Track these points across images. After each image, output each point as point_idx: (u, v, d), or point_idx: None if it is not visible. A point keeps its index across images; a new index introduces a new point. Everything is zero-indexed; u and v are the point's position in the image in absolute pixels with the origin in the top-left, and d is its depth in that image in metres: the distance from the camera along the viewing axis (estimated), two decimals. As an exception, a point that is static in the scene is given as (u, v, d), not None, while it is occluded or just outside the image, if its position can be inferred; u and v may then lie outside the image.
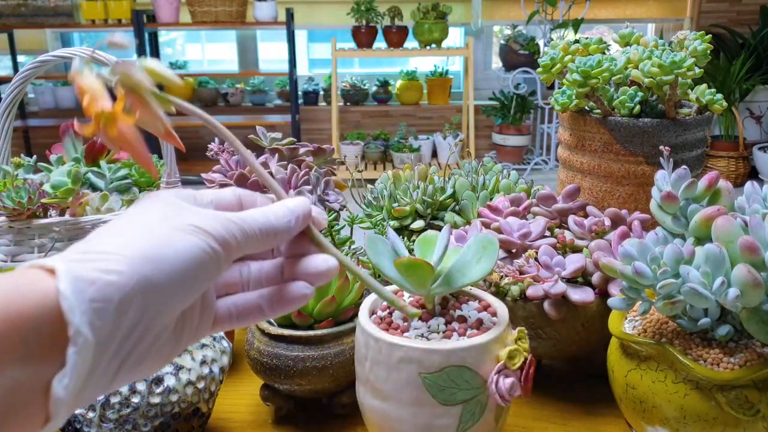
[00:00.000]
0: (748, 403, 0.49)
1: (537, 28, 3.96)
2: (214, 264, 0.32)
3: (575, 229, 0.71)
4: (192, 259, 0.30)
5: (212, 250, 0.31)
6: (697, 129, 0.80)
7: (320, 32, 4.54)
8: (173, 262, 0.30)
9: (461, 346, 0.49)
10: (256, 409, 0.69)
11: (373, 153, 4.11)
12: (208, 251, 0.31)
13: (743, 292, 0.47)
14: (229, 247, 0.32)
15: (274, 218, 0.35)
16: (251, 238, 0.34)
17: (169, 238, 0.30)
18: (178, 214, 0.32)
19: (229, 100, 4.29)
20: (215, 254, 0.31)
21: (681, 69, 0.73)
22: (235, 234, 0.33)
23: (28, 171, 0.85)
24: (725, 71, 3.82)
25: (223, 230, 0.32)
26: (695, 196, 0.58)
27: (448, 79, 4.27)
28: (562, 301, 0.63)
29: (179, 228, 0.31)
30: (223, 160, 0.87)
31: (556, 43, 0.86)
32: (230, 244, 0.32)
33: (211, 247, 0.31)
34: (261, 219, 0.34)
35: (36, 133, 4.16)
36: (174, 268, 0.30)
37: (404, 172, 0.92)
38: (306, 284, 0.36)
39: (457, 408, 0.50)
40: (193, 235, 0.31)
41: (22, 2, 3.68)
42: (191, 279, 0.30)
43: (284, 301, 0.36)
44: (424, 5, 3.84)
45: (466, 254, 0.53)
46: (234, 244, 0.32)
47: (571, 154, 0.85)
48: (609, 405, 0.65)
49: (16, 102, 0.79)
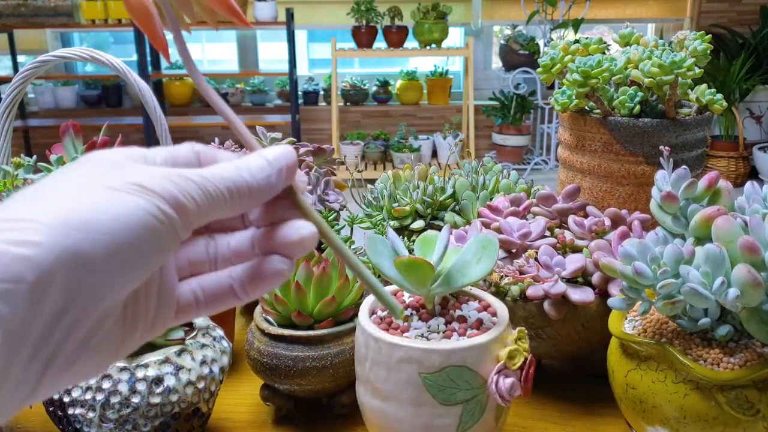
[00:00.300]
0: (748, 403, 0.49)
1: (537, 28, 3.96)
2: (167, 233, 0.25)
3: (575, 229, 0.71)
4: (135, 225, 0.24)
5: (163, 215, 0.25)
6: (697, 129, 0.80)
7: (320, 32, 4.54)
8: (109, 229, 0.23)
9: (461, 346, 0.49)
10: (256, 409, 0.69)
11: (373, 153, 4.11)
12: (158, 215, 0.25)
13: (743, 292, 0.47)
14: (185, 211, 0.26)
15: (248, 173, 0.28)
16: (217, 200, 0.27)
17: (104, 199, 0.24)
18: (118, 172, 0.26)
19: (229, 100, 4.29)
20: (167, 220, 0.25)
21: (681, 69, 0.73)
22: (194, 195, 0.26)
23: (28, 171, 0.85)
24: (725, 71, 3.82)
25: (177, 190, 0.26)
26: (695, 196, 0.58)
27: (448, 79, 4.27)
28: (562, 301, 0.63)
29: (118, 188, 0.25)
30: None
31: (556, 43, 0.86)
32: (187, 208, 0.26)
33: (161, 210, 0.25)
34: (230, 174, 0.28)
35: (36, 133, 4.17)
36: (111, 238, 0.23)
37: (404, 172, 0.92)
38: (282, 258, 0.30)
39: (457, 408, 0.50)
40: (136, 195, 0.25)
41: (22, 2, 3.68)
42: (136, 252, 0.24)
43: (259, 280, 0.30)
44: (424, 5, 3.84)
45: (466, 254, 0.53)
46: (192, 208, 0.26)
47: (571, 154, 0.85)
48: (609, 405, 0.65)
49: (16, 102, 0.79)
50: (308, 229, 0.30)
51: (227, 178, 0.28)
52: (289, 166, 0.29)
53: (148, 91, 0.77)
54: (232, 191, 0.28)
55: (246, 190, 0.28)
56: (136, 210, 0.24)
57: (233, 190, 0.28)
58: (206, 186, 0.27)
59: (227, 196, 0.27)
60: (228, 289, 0.30)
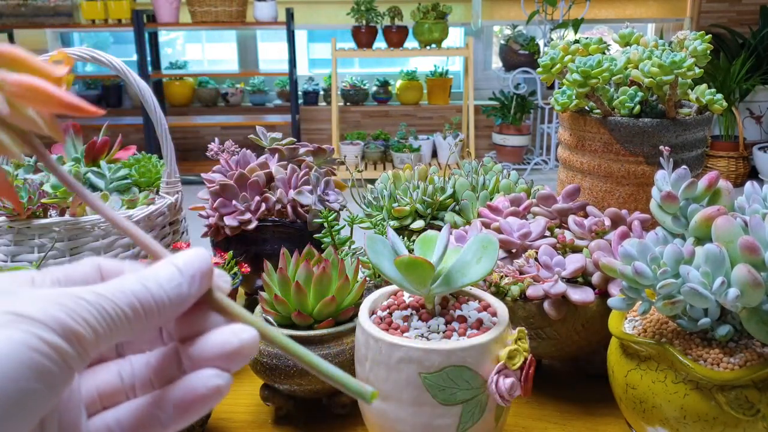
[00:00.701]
0: (748, 403, 0.49)
1: (537, 28, 3.96)
2: (57, 368, 0.21)
3: (575, 229, 0.71)
4: (10, 365, 0.20)
5: (48, 347, 0.21)
6: (697, 129, 0.80)
7: (320, 32, 4.54)
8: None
9: (461, 346, 0.49)
10: (256, 409, 0.69)
11: (373, 153, 4.11)
12: (41, 348, 0.21)
13: (743, 292, 0.47)
14: (80, 339, 0.22)
15: (154, 285, 0.24)
16: (118, 320, 0.23)
17: None
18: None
19: (229, 100, 4.29)
20: (54, 352, 0.21)
21: (681, 69, 0.73)
22: (87, 317, 0.22)
23: (28, 171, 0.85)
24: (725, 71, 3.82)
25: (66, 314, 0.22)
26: (695, 196, 0.58)
27: (448, 79, 4.27)
28: (562, 301, 0.63)
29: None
30: (223, 160, 0.87)
31: (556, 43, 0.86)
32: (80, 334, 0.22)
33: (45, 341, 0.21)
34: (133, 288, 0.24)
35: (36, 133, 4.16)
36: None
37: (404, 172, 0.92)
38: (215, 371, 0.25)
39: (457, 408, 0.50)
40: (10, 327, 0.20)
41: (22, 2, 3.68)
42: (14, 399, 0.20)
43: (190, 403, 0.25)
44: (424, 5, 3.84)
45: (466, 254, 0.53)
46: (87, 333, 0.22)
47: (571, 154, 0.85)
48: (609, 405, 0.65)
49: (16, 102, 0.78)
50: (247, 332, 0.26)
51: (129, 292, 0.24)
52: (203, 272, 0.26)
53: (148, 91, 0.77)
54: (135, 308, 0.23)
55: (153, 305, 0.24)
56: (10, 346, 0.20)
57: (137, 307, 0.24)
58: (103, 305, 0.23)
59: (130, 314, 0.23)
60: (151, 419, 0.25)
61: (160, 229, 0.82)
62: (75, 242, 0.74)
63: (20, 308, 0.21)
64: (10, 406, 0.20)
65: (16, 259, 0.73)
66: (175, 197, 0.85)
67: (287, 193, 0.82)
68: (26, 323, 0.21)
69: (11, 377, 0.20)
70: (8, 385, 0.20)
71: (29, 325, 0.21)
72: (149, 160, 0.88)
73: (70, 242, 0.74)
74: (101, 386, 0.26)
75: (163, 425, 0.26)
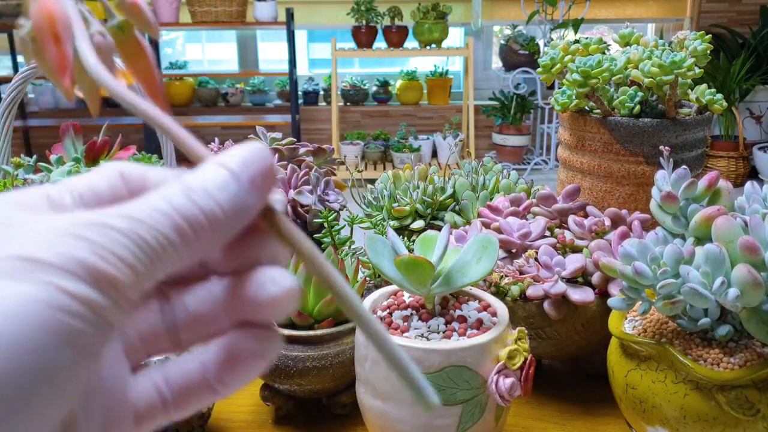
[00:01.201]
0: (748, 403, 0.49)
1: (537, 28, 3.96)
2: (91, 327, 0.16)
3: (575, 229, 0.71)
4: (29, 332, 0.15)
5: (74, 301, 0.16)
6: (697, 129, 0.80)
7: (320, 32, 4.54)
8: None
9: (461, 346, 0.49)
10: (256, 409, 0.69)
11: (373, 153, 4.11)
12: (66, 305, 0.16)
13: (743, 292, 0.47)
14: (115, 284, 0.16)
15: (203, 195, 0.18)
16: (162, 250, 0.17)
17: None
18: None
19: (229, 100, 4.29)
20: (85, 308, 0.16)
21: (681, 69, 0.73)
22: (122, 253, 0.17)
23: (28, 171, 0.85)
24: (725, 71, 3.82)
25: (92, 252, 0.16)
26: (695, 196, 0.58)
27: (448, 79, 4.27)
28: (562, 301, 0.63)
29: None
30: (223, 160, 0.87)
31: (556, 43, 0.86)
32: (115, 278, 0.16)
33: (70, 293, 0.16)
34: (176, 203, 0.18)
35: (36, 133, 4.16)
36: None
37: (404, 172, 0.92)
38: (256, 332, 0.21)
39: (457, 408, 0.50)
40: (23, 280, 0.15)
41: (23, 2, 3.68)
42: (40, 376, 0.15)
43: (235, 367, 0.21)
44: (424, 5, 3.84)
45: (466, 254, 0.53)
46: (124, 276, 0.17)
47: (571, 154, 0.85)
48: (609, 405, 0.65)
49: (16, 102, 0.79)
50: (284, 281, 0.20)
51: (171, 210, 0.18)
52: (264, 174, 0.19)
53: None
54: (182, 231, 0.18)
55: (204, 224, 0.18)
56: (24, 308, 0.15)
57: (184, 229, 0.18)
58: (139, 232, 0.17)
59: (176, 240, 0.17)
60: (201, 380, 0.21)
61: (160, 229, 0.82)
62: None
63: (30, 250, 0.16)
64: (35, 386, 0.15)
65: (16, 259, 0.73)
66: (175, 197, 0.85)
67: (287, 193, 0.82)
68: (41, 271, 0.15)
69: (31, 348, 0.15)
70: (28, 360, 0.15)
71: (45, 273, 0.15)
72: (149, 160, 0.88)
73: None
74: (142, 329, 0.21)
75: (214, 390, 0.21)
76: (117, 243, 0.17)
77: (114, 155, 0.88)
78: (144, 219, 0.17)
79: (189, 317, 0.21)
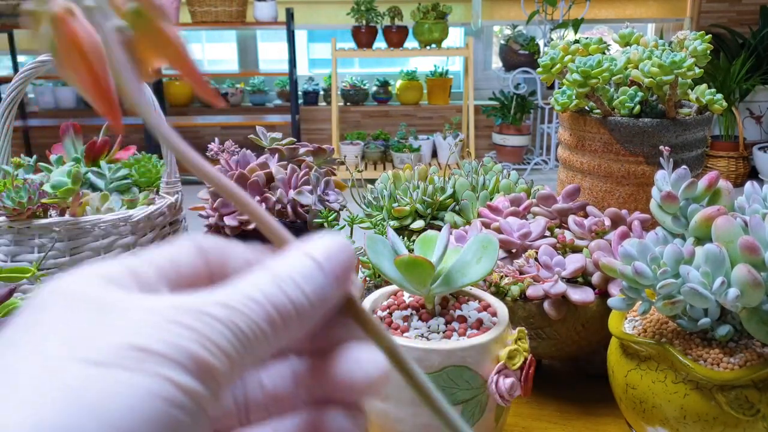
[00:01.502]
0: (748, 403, 0.49)
1: (537, 28, 3.96)
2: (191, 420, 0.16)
3: (575, 229, 0.71)
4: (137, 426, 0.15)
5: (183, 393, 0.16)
6: (697, 129, 0.80)
7: (320, 32, 4.54)
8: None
9: (461, 346, 0.49)
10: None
11: (373, 153, 4.11)
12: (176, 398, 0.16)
13: (743, 292, 0.47)
14: (214, 374, 0.16)
15: (292, 286, 0.18)
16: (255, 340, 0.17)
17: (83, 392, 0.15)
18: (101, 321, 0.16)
19: (229, 100, 4.29)
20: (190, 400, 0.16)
21: (681, 69, 0.73)
22: (221, 343, 0.17)
23: (28, 171, 0.85)
24: (725, 71, 3.82)
25: (197, 342, 0.16)
26: (695, 196, 0.58)
27: (448, 79, 4.27)
28: (562, 301, 0.63)
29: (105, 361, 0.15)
30: (223, 160, 0.87)
31: (556, 43, 0.86)
32: (215, 368, 0.16)
33: (178, 386, 0.16)
34: (268, 292, 0.18)
35: (36, 133, 4.17)
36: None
37: (404, 172, 0.92)
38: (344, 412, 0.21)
39: (457, 408, 0.50)
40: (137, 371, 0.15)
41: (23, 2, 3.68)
42: None
43: None
44: (424, 5, 3.84)
45: (466, 254, 0.53)
46: (222, 365, 0.17)
47: (571, 154, 0.85)
48: (609, 405, 0.65)
49: (16, 102, 0.79)
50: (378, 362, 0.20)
51: (264, 300, 0.18)
52: (346, 267, 0.20)
53: (147, 90, 0.77)
54: (273, 321, 0.18)
55: (293, 315, 0.18)
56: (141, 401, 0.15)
57: (275, 319, 0.18)
58: (236, 321, 0.17)
59: (268, 330, 0.18)
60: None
61: (160, 230, 0.82)
62: (75, 242, 0.74)
63: (139, 339, 0.16)
64: None
65: (16, 259, 0.73)
66: (175, 197, 0.85)
67: (287, 193, 0.82)
68: (152, 362, 0.15)
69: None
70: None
71: (155, 363, 0.15)
72: (149, 160, 0.88)
73: (70, 242, 0.74)
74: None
75: None
76: (217, 332, 0.17)
77: (114, 155, 0.88)
78: (239, 308, 0.17)
79: (265, 395, 0.21)
